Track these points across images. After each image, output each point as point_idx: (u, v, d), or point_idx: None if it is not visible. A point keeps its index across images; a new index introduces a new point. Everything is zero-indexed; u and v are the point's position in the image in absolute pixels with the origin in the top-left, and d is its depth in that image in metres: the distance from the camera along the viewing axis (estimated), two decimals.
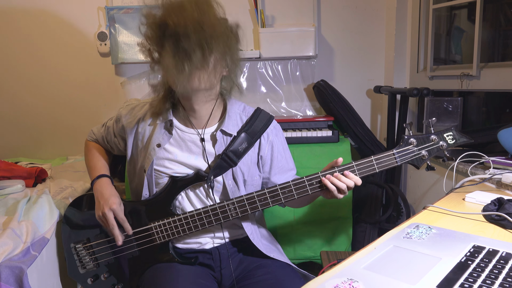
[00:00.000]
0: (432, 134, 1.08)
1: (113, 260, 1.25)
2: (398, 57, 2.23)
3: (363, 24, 2.30)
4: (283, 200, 1.11)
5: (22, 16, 2.27)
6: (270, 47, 2.16)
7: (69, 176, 1.83)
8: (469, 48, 1.88)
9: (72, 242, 1.27)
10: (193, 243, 1.23)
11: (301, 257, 1.89)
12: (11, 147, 2.40)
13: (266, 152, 1.24)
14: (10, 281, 1.13)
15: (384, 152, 1.08)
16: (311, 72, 2.33)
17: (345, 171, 1.07)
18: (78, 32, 2.29)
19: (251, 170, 1.22)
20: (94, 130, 1.41)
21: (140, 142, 1.24)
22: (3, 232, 1.23)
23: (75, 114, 2.38)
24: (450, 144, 1.08)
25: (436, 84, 2.04)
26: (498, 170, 1.34)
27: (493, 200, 1.03)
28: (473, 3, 1.79)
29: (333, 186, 1.06)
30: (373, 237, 1.99)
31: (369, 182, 2.09)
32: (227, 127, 1.20)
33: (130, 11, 2.18)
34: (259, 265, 1.20)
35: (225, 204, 1.13)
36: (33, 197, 1.50)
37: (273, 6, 2.26)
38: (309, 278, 1.20)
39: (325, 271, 0.75)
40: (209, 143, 1.20)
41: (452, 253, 0.79)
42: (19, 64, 2.33)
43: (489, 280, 0.68)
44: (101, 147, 1.41)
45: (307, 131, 1.95)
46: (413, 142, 1.08)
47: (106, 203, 1.17)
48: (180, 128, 1.21)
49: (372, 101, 2.39)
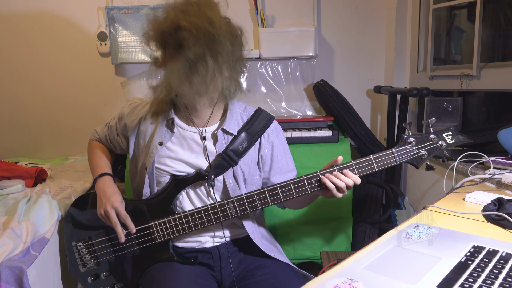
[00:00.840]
0: (431, 134, 1.08)
1: (114, 259, 1.25)
2: (398, 57, 2.23)
3: (363, 24, 2.30)
4: (282, 199, 1.11)
5: (22, 16, 2.27)
6: (270, 47, 2.16)
7: (69, 176, 1.83)
8: (469, 48, 1.88)
9: (74, 240, 1.28)
10: (193, 242, 1.23)
11: (301, 257, 1.89)
12: (11, 147, 2.41)
13: (267, 151, 1.24)
14: (10, 281, 1.13)
15: (383, 151, 1.08)
16: (311, 72, 2.33)
17: (344, 170, 1.07)
18: (78, 32, 2.29)
19: (251, 170, 1.22)
20: (98, 130, 1.42)
21: (142, 140, 1.24)
22: (3, 232, 1.23)
23: (75, 114, 2.38)
24: (450, 143, 1.08)
25: (436, 84, 2.03)
26: (498, 170, 1.34)
27: (493, 200, 1.03)
28: (473, 3, 1.79)
29: (332, 185, 1.06)
30: (373, 237, 1.99)
31: (369, 182, 2.09)
32: (228, 126, 1.20)
33: (130, 11, 2.18)
34: (259, 265, 1.20)
35: (225, 203, 1.13)
36: (33, 197, 1.50)
37: (273, 6, 2.26)
38: (309, 278, 1.20)
39: (325, 271, 0.75)
40: (210, 142, 1.21)
41: (452, 253, 0.79)
42: (19, 64, 2.33)
43: (489, 280, 0.68)
44: (104, 146, 1.42)
45: (307, 131, 1.95)
46: (412, 141, 1.08)
47: (108, 201, 1.18)
48: (182, 126, 1.22)
49: (372, 101, 2.39)
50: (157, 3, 2.19)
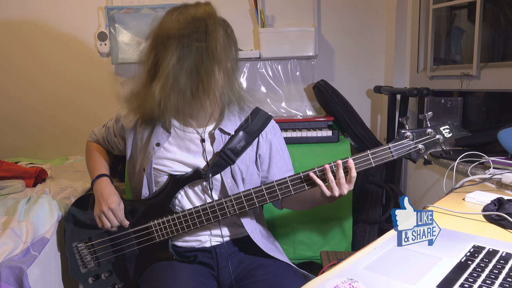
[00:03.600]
0: (429, 128, 1.08)
1: (114, 259, 1.25)
2: (398, 57, 2.23)
3: (363, 24, 2.30)
4: (280, 196, 1.11)
5: (22, 16, 2.27)
6: (270, 47, 2.16)
7: (69, 176, 1.83)
8: (469, 48, 1.88)
9: (75, 241, 1.28)
10: (192, 241, 1.23)
11: (301, 257, 1.89)
12: (11, 147, 2.41)
13: (265, 150, 1.24)
14: (10, 281, 1.13)
15: (380, 147, 1.07)
16: (311, 72, 2.33)
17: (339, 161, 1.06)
18: (78, 32, 2.29)
19: (249, 169, 1.22)
20: (95, 131, 1.42)
21: (140, 141, 1.24)
22: (3, 232, 1.23)
23: (75, 114, 2.38)
24: (447, 137, 1.08)
25: (436, 84, 2.03)
26: (498, 170, 1.34)
27: (493, 200, 1.03)
28: (473, 3, 1.79)
29: (331, 175, 1.05)
30: (373, 237, 1.99)
31: (369, 182, 2.09)
32: (225, 126, 1.20)
33: (130, 11, 2.18)
34: (259, 265, 1.20)
35: (223, 201, 1.13)
36: (33, 197, 1.50)
37: (273, 6, 2.26)
38: (309, 278, 1.20)
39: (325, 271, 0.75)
40: (207, 142, 1.21)
41: (452, 253, 0.79)
42: (19, 64, 2.33)
43: (489, 280, 0.68)
44: (101, 148, 1.41)
45: (307, 131, 1.95)
46: (409, 136, 1.07)
47: (106, 203, 1.18)
48: (179, 127, 1.22)
49: (372, 101, 2.39)
50: (157, 3, 2.19)
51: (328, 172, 1.05)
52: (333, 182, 1.05)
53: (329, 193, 1.06)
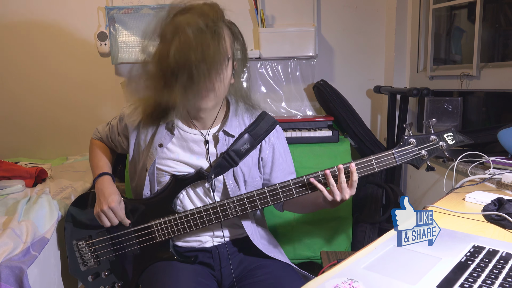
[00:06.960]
0: (432, 135, 1.09)
1: (114, 257, 1.25)
2: (398, 57, 2.23)
3: (363, 24, 2.30)
4: (282, 199, 1.11)
5: (22, 16, 2.27)
6: (270, 47, 2.16)
7: (69, 176, 1.83)
8: (469, 48, 1.88)
9: (74, 239, 1.28)
10: (193, 241, 1.23)
11: (301, 257, 1.89)
12: (11, 147, 2.40)
13: (267, 154, 1.24)
14: (10, 281, 1.13)
15: (383, 152, 1.08)
16: (311, 72, 2.33)
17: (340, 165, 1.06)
18: (78, 32, 2.29)
19: (252, 172, 1.22)
20: (99, 129, 1.42)
21: (143, 141, 1.24)
22: (3, 232, 1.23)
23: (75, 114, 2.38)
24: (450, 144, 1.08)
25: (436, 84, 2.03)
26: (498, 170, 1.34)
27: (493, 200, 1.03)
28: (473, 3, 1.79)
29: (332, 180, 1.05)
30: (373, 237, 1.99)
31: (369, 182, 2.09)
32: (229, 128, 1.20)
33: (130, 11, 2.18)
34: (259, 265, 1.20)
35: (225, 203, 1.13)
36: (33, 197, 1.50)
37: (273, 6, 2.26)
38: (309, 278, 1.20)
39: (325, 271, 0.75)
40: (211, 143, 1.21)
41: (452, 253, 0.79)
42: (19, 64, 2.32)
43: (489, 280, 0.68)
44: (105, 146, 1.42)
45: (307, 131, 1.95)
46: (412, 142, 1.08)
47: (106, 201, 1.18)
48: (183, 128, 1.22)
49: (372, 101, 2.39)
50: (157, 3, 2.19)
51: (329, 176, 1.06)
52: (334, 186, 1.05)
53: (330, 198, 1.06)
